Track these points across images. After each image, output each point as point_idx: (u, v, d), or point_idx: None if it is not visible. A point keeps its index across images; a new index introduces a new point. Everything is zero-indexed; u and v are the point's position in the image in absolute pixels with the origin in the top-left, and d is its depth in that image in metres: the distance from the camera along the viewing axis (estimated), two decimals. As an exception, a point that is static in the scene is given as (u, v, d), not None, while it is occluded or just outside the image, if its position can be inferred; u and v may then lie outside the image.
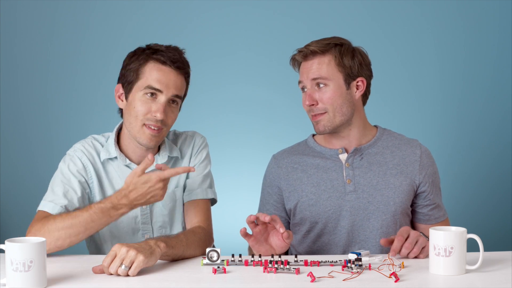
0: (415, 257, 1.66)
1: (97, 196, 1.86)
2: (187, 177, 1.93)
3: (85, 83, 3.68)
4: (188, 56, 1.88)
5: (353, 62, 1.90)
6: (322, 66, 1.88)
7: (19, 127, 3.67)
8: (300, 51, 1.91)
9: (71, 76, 3.68)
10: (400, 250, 1.64)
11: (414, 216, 1.97)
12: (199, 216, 1.87)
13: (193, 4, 3.69)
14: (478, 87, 3.64)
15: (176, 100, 1.83)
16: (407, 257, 1.65)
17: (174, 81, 1.80)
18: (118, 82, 1.87)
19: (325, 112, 1.88)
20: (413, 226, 1.99)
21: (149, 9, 3.69)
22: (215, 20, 3.71)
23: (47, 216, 1.74)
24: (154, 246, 1.55)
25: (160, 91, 1.78)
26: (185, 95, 1.89)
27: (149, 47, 1.83)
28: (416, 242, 1.66)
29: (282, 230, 1.65)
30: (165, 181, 1.66)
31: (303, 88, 1.93)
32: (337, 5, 3.66)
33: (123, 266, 1.48)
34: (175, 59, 1.80)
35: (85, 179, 1.85)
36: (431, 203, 1.94)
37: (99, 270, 1.52)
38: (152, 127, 1.79)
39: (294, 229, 1.98)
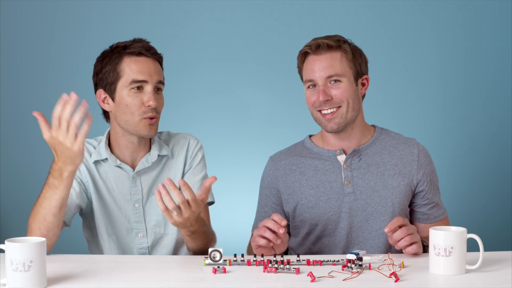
0: (404, 251, 1.67)
1: (93, 195, 1.88)
2: (183, 177, 1.94)
3: (85, 83, 3.65)
4: (187, 58, 1.90)
5: (361, 59, 1.90)
6: (335, 62, 1.85)
7: (19, 127, 3.66)
8: (311, 45, 1.86)
9: (71, 76, 3.66)
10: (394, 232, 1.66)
11: (413, 216, 1.97)
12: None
13: (192, 6, 3.69)
14: (479, 87, 3.63)
15: (160, 87, 1.86)
16: (396, 246, 1.67)
17: (154, 68, 1.84)
18: (97, 88, 1.90)
19: (339, 107, 1.85)
20: (412, 226, 1.99)
21: (149, 10, 3.68)
22: (213, 25, 3.70)
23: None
24: None
25: (145, 81, 1.82)
26: (164, 79, 1.91)
27: (116, 45, 1.87)
28: (411, 234, 1.66)
29: (284, 223, 1.66)
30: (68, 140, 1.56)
31: (310, 86, 1.88)
32: (338, 5, 3.66)
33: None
34: (147, 48, 1.84)
35: (80, 179, 1.89)
36: (429, 202, 1.93)
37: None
38: (149, 117, 1.82)
39: (294, 232, 1.96)
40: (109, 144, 1.91)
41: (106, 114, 1.92)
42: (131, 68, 1.81)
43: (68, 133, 1.56)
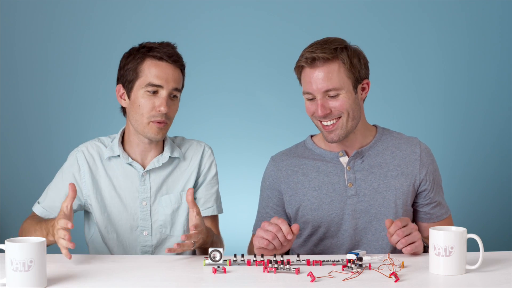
0: (402, 251, 1.68)
1: (91, 195, 1.92)
2: (197, 187, 1.99)
3: (85, 83, 3.68)
4: (186, 58, 1.93)
5: (360, 65, 1.84)
6: (332, 75, 1.80)
7: (19, 127, 3.67)
8: (307, 58, 1.82)
9: (71, 76, 3.67)
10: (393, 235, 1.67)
11: (416, 215, 1.96)
12: (215, 229, 2.00)
13: (192, 6, 3.69)
14: (481, 87, 3.63)
15: (176, 94, 1.90)
16: (396, 247, 1.69)
17: (172, 75, 1.88)
18: (118, 82, 1.94)
19: (339, 117, 1.83)
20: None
21: (149, 9, 3.69)
22: (213, 24, 3.70)
23: (30, 216, 1.94)
24: None
25: (160, 86, 1.86)
26: (182, 86, 1.96)
27: (143, 45, 1.91)
28: (409, 234, 1.66)
29: (290, 237, 1.66)
30: (66, 234, 1.59)
31: (309, 97, 1.85)
32: (338, 4, 3.66)
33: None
34: (170, 54, 1.88)
35: (76, 178, 1.93)
36: (431, 202, 1.93)
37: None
38: (158, 121, 1.86)
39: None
40: (122, 142, 1.96)
41: (124, 109, 1.97)
42: (150, 71, 1.86)
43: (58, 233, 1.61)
